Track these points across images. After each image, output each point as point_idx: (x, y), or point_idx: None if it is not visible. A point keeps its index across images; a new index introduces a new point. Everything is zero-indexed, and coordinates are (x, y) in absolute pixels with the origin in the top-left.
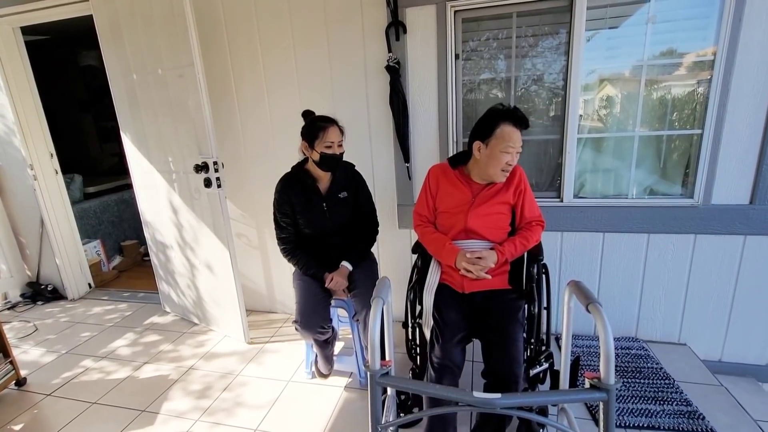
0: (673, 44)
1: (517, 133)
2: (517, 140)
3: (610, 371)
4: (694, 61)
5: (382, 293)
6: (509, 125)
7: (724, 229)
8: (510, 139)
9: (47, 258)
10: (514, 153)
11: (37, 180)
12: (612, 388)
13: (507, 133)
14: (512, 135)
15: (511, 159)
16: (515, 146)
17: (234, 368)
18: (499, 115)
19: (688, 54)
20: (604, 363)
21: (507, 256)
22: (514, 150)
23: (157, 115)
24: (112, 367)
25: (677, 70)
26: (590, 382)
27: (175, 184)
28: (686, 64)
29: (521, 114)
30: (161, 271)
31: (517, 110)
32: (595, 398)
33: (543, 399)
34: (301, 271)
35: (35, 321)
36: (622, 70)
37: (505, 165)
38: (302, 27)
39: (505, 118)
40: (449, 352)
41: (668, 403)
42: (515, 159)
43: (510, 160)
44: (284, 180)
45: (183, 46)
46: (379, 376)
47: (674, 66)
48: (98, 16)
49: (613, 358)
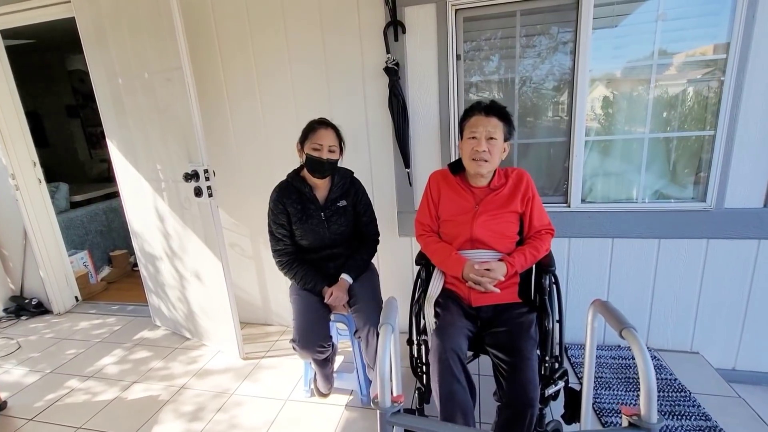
0: (683, 43)
1: (483, 119)
2: (483, 125)
3: (652, 408)
4: (706, 60)
5: (390, 318)
6: (476, 114)
7: (737, 234)
8: (474, 125)
9: (31, 271)
10: (482, 139)
11: (19, 190)
12: (656, 428)
13: (473, 120)
14: (477, 121)
15: (477, 144)
16: (478, 131)
17: (228, 386)
18: (468, 108)
19: (699, 53)
20: (644, 398)
21: (517, 267)
22: (480, 135)
23: (145, 121)
24: (100, 388)
25: (688, 70)
26: (629, 419)
27: (165, 193)
28: (697, 63)
29: (490, 102)
30: (151, 284)
31: (490, 102)
32: None
33: None
34: (298, 285)
35: (18, 338)
36: (630, 69)
37: (473, 152)
38: (296, 27)
39: (473, 108)
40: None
41: (686, 417)
42: (484, 146)
43: (476, 146)
44: (279, 188)
45: (170, 48)
46: (390, 415)
47: (685, 65)
48: (81, 17)
49: (655, 392)
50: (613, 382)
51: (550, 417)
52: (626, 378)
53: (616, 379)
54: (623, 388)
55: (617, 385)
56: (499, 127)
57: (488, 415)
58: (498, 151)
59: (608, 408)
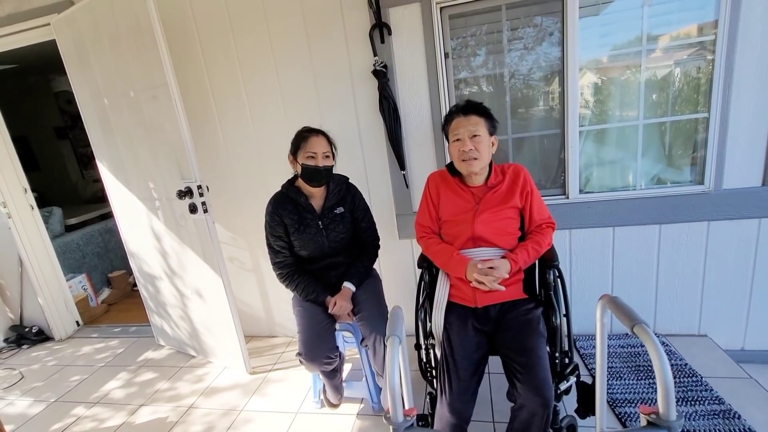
0: (671, 27)
1: (463, 120)
2: (463, 126)
3: (670, 405)
4: (695, 42)
5: (397, 330)
6: (455, 117)
7: (737, 214)
8: (455, 127)
9: (29, 298)
10: (466, 139)
11: (12, 218)
12: (675, 425)
13: (453, 124)
14: (458, 123)
15: (462, 145)
16: (460, 132)
17: (237, 403)
18: (447, 114)
19: (688, 36)
20: (662, 395)
21: (520, 264)
22: (463, 136)
23: (134, 140)
24: (106, 413)
25: (678, 53)
26: (647, 418)
27: (159, 212)
28: (686, 46)
29: (465, 102)
30: (152, 303)
31: (466, 102)
32: None
33: None
34: (300, 297)
35: (21, 367)
36: (620, 56)
37: (460, 153)
38: (281, 34)
39: (451, 112)
40: (458, 410)
41: (700, 402)
42: (469, 145)
43: (462, 147)
44: (275, 200)
45: (154, 64)
46: (403, 430)
47: (674, 49)
48: (61, 39)
49: (672, 389)
50: (623, 371)
51: (564, 413)
52: (636, 366)
53: (626, 369)
54: (634, 377)
55: (628, 375)
56: (480, 124)
57: (501, 414)
58: (485, 147)
59: (621, 398)
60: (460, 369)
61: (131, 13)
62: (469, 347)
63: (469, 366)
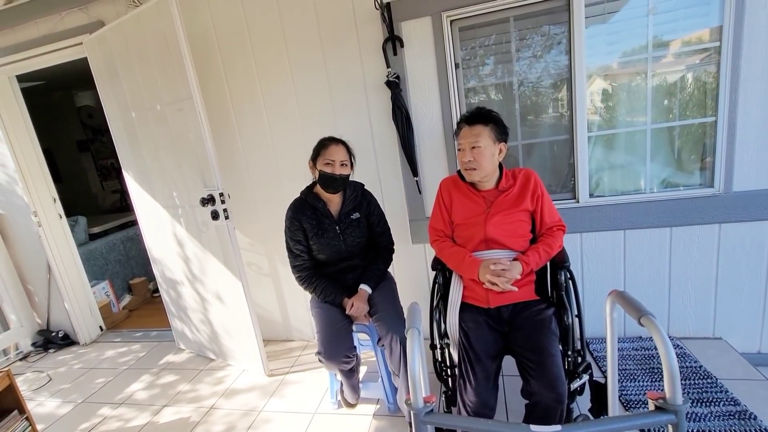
0: (677, 33)
1: (467, 130)
2: (466, 137)
3: (676, 390)
4: (700, 48)
5: (416, 322)
6: (463, 126)
7: (749, 216)
8: (461, 138)
9: (56, 304)
10: (467, 150)
11: (42, 226)
12: (681, 409)
13: (461, 133)
14: (464, 134)
15: (463, 156)
16: (462, 143)
17: (256, 404)
18: (458, 123)
19: (693, 41)
20: (668, 381)
21: (532, 265)
22: (464, 146)
23: (159, 151)
24: (131, 414)
25: (684, 59)
26: (654, 403)
27: (182, 219)
28: (692, 52)
29: (473, 111)
30: (173, 308)
31: (474, 110)
32: (663, 421)
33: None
34: (318, 298)
35: (48, 370)
36: (627, 64)
37: (464, 163)
38: (297, 48)
39: (460, 121)
40: (483, 396)
41: (715, 404)
42: (469, 155)
43: (462, 157)
44: (294, 206)
45: (180, 80)
46: (423, 415)
47: (680, 55)
48: (93, 57)
49: (677, 374)
50: (637, 373)
51: (578, 412)
52: (651, 368)
53: (640, 371)
54: (648, 378)
55: (642, 377)
56: (482, 134)
57: (515, 414)
58: (486, 157)
59: (635, 399)
60: (482, 357)
61: (159, 33)
62: (485, 341)
63: (488, 356)
